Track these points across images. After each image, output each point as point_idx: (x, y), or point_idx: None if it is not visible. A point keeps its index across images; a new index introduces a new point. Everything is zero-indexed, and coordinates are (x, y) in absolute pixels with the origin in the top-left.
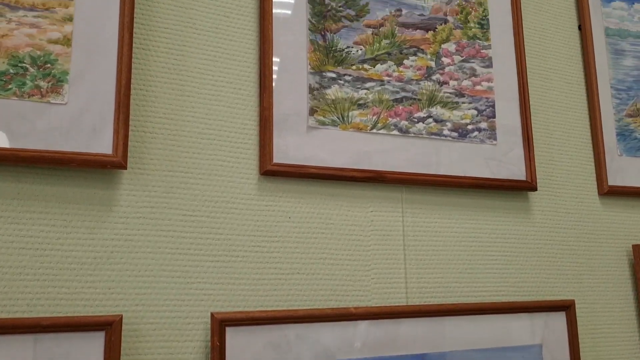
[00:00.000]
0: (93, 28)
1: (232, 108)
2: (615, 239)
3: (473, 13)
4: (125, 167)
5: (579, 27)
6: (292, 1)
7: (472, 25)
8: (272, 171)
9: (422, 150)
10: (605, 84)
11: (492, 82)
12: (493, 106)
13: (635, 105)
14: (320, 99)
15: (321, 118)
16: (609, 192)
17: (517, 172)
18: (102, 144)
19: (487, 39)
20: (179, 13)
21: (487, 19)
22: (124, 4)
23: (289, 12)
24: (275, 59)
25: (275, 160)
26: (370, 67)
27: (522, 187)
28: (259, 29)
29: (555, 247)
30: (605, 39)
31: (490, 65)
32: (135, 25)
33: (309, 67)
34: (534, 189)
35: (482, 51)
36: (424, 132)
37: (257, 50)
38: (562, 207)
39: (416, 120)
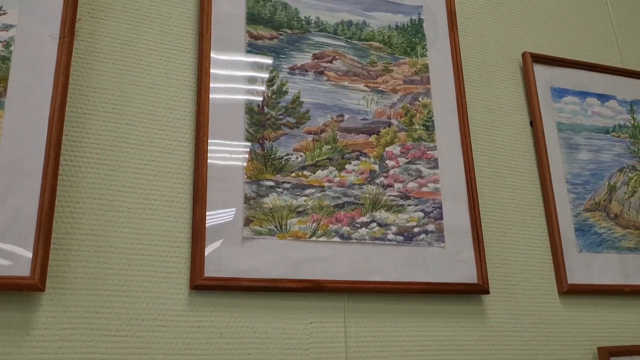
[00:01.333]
0: (19, 148)
1: (165, 221)
2: (579, 341)
3: (418, 115)
4: (43, 289)
5: (531, 123)
6: (230, 113)
7: (417, 127)
8: (202, 285)
9: (364, 256)
10: (561, 178)
11: (438, 183)
12: (440, 207)
13: (594, 199)
14: (257, 208)
15: (257, 228)
16: (570, 291)
17: (468, 274)
18: (20, 267)
19: (433, 140)
20: (113, 128)
21: (432, 121)
22: (52, 123)
23: (227, 124)
24: (210, 171)
25: (207, 273)
26: (310, 173)
27: (474, 291)
28: (194, 141)
29: (514, 352)
30: (557, 134)
31: (436, 166)
32: (64, 142)
33: (246, 176)
34: (486, 291)
35: (427, 152)
36: (366, 237)
37: (193, 162)
38: (519, 309)
39: (359, 225)
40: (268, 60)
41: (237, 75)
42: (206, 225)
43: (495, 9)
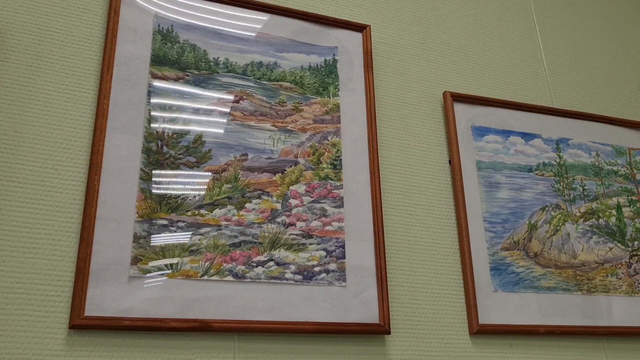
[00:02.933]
0: None
1: (49, 260)
2: None
3: (326, 154)
4: None
5: (449, 162)
6: (125, 153)
7: (324, 166)
8: (81, 325)
9: (258, 295)
10: (478, 217)
11: (343, 222)
12: (344, 246)
13: (512, 238)
14: (147, 247)
15: (145, 267)
16: (481, 331)
17: (370, 314)
18: None
19: (340, 179)
20: (2, 167)
21: (340, 159)
22: None
23: (121, 163)
24: (99, 210)
25: (88, 313)
26: (207, 212)
27: (373, 331)
28: (86, 181)
29: None
30: (477, 172)
31: (342, 205)
32: None
33: (137, 215)
34: (387, 332)
35: (333, 191)
36: (262, 276)
37: (83, 201)
38: (425, 349)
39: (255, 264)
40: (170, 101)
41: (137, 116)
42: (91, 264)
43: (420, 48)
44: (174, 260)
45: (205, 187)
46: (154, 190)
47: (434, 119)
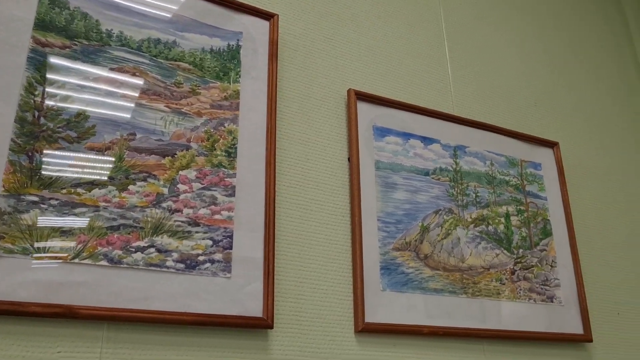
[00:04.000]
0: None
1: None
2: None
3: (221, 141)
4: None
5: (349, 159)
6: None
7: (218, 153)
8: None
9: (134, 283)
10: (372, 216)
11: (233, 212)
12: (231, 237)
13: (405, 239)
14: (12, 225)
15: (9, 246)
16: (366, 330)
17: (253, 308)
18: None
19: (234, 168)
20: None
21: (236, 148)
22: None
23: None
24: None
25: None
26: (85, 191)
27: (255, 325)
28: None
29: None
30: (375, 172)
31: (233, 194)
32: None
33: (3, 189)
34: (269, 326)
35: (226, 179)
36: (141, 263)
37: None
38: (309, 345)
39: (134, 250)
40: (53, 71)
41: (12, 82)
42: None
43: (328, 44)
44: (42, 241)
45: (85, 164)
46: (24, 164)
47: (336, 116)
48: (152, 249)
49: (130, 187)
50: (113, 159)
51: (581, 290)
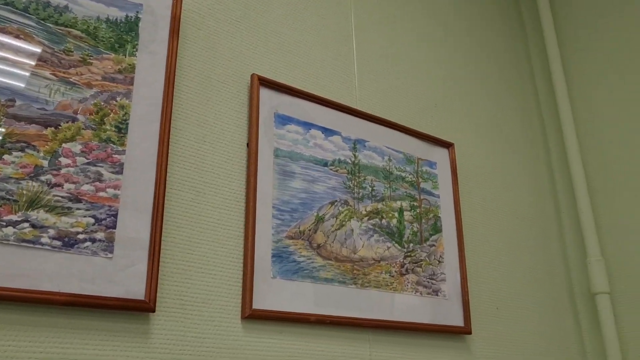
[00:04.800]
0: None
1: None
2: None
3: (112, 115)
4: None
5: (247, 145)
6: None
7: (108, 127)
8: None
9: (3, 259)
10: (268, 203)
11: (119, 190)
12: (116, 216)
13: (299, 228)
14: None
15: None
16: (253, 316)
17: (135, 290)
18: None
19: (123, 144)
20: None
21: (127, 124)
22: None
23: None
24: None
25: None
26: None
27: (136, 308)
28: None
29: None
30: (273, 159)
31: (121, 172)
32: None
33: None
34: (151, 310)
35: (114, 156)
36: (12, 238)
37: None
38: (192, 330)
39: (4, 223)
40: None
41: None
42: None
43: (235, 26)
44: None
45: None
46: None
47: (238, 100)
48: (26, 224)
49: (6, 156)
50: None
51: (465, 285)
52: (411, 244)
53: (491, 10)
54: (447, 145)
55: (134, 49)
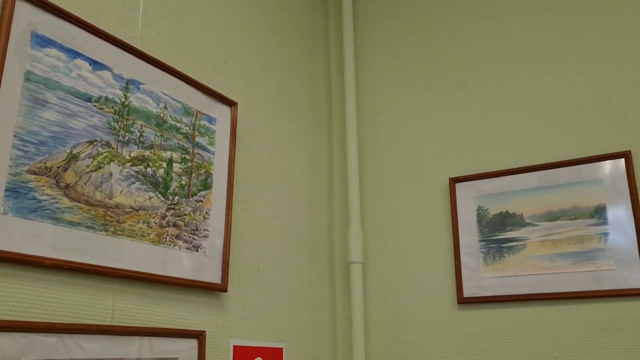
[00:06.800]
0: None
1: None
2: None
3: None
4: None
5: None
6: None
7: None
8: None
9: None
10: (8, 131)
11: None
12: None
13: (45, 163)
14: None
15: None
16: None
17: None
18: None
19: None
20: None
21: None
22: None
23: None
24: None
25: None
26: None
27: None
28: None
29: None
30: (23, 83)
31: None
32: None
33: None
34: None
35: None
36: None
37: None
38: None
39: None
40: None
41: None
42: None
43: None
44: None
45: None
46: None
47: None
48: None
49: None
50: None
51: (227, 244)
52: (177, 197)
53: None
54: (230, 103)
55: None
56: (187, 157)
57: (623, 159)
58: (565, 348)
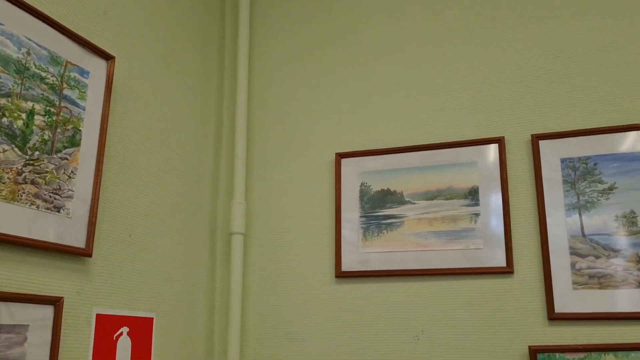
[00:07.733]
0: None
1: None
2: None
3: None
4: None
5: None
6: None
7: None
8: None
9: None
10: None
11: None
12: None
13: None
14: None
15: None
16: None
17: None
18: None
19: None
20: None
21: None
22: None
23: None
24: None
25: None
26: None
27: None
28: None
29: None
30: None
31: None
32: None
33: None
34: None
35: None
36: None
37: None
38: None
39: None
40: None
41: None
42: None
43: None
44: None
45: None
46: None
47: None
48: None
49: None
50: None
51: (95, 206)
52: (37, 152)
53: None
54: (107, 57)
55: None
56: (52, 109)
57: (497, 144)
58: (432, 322)
